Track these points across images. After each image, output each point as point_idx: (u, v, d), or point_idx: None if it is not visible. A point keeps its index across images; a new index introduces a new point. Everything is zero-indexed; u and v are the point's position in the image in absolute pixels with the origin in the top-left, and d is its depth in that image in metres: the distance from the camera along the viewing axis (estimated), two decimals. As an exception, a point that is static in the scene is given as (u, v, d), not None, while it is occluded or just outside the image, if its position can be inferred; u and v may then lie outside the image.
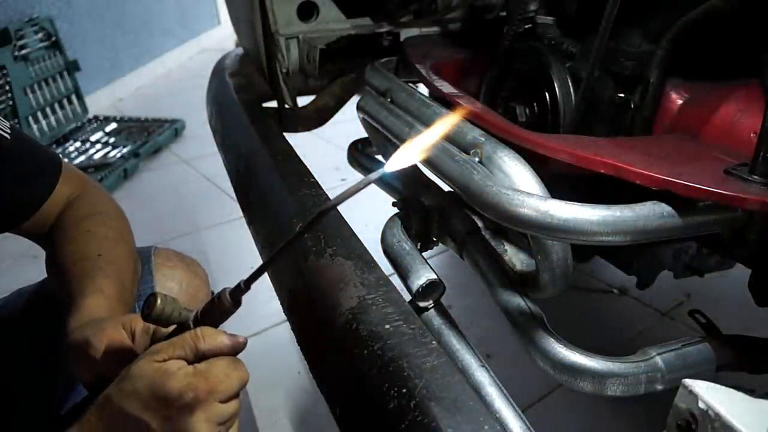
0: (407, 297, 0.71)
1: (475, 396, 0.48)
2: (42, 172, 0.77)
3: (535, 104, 0.84)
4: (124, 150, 2.83)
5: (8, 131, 0.72)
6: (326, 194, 0.85)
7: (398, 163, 0.43)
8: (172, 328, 0.56)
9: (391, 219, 0.88)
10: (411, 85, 0.96)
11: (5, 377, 0.80)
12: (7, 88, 2.78)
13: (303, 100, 1.36)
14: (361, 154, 1.27)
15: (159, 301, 0.52)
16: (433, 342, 0.53)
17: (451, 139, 0.76)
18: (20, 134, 0.76)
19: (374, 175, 0.44)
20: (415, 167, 1.06)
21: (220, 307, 0.52)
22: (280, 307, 0.75)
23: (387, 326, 0.55)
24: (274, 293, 0.78)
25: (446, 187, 0.83)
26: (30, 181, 0.76)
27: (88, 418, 0.53)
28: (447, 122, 0.54)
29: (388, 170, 0.43)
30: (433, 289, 0.74)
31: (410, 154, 0.43)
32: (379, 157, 1.23)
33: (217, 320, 0.53)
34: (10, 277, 1.77)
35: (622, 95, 0.77)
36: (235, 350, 0.53)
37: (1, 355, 0.81)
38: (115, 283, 0.67)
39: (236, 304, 0.51)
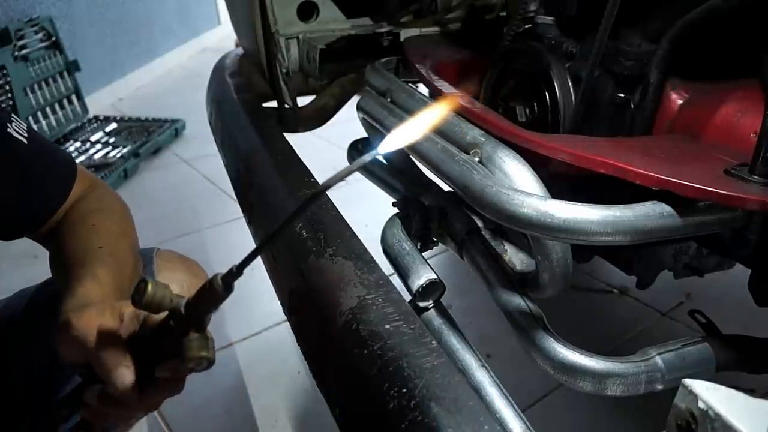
0: (407, 297, 0.71)
1: (475, 396, 0.48)
2: (58, 177, 0.77)
3: (535, 104, 0.84)
4: (124, 150, 2.83)
5: (25, 134, 0.72)
6: (326, 194, 0.85)
7: (390, 146, 0.42)
8: (163, 314, 0.55)
9: (391, 219, 0.88)
10: (411, 85, 0.96)
11: (6, 378, 0.80)
12: (7, 88, 2.78)
13: (303, 100, 1.36)
14: (361, 154, 1.27)
15: (150, 286, 0.52)
16: (433, 342, 0.53)
17: (451, 138, 0.76)
18: (36, 137, 0.76)
19: (367, 157, 0.43)
20: (415, 167, 1.06)
21: (212, 293, 0.51)
22: (280, 307, 0.75)
23: (387, 326, 0.55)
24: (274, 293, 0.78)
25: (446, 187, 0.83)
26: (47, 187, 0.75)
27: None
28: (438, 108, 0.54)
29: (380, 152, 0.43)
30: (433, 289, 0.74)
31: (402, 137, 0.43)
32: (379, 157, 1.23)
33: (209, 307, 0.53)
34: (10, 278, 1.77)
35: (622, 95, 0.77)
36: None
37: (2, 356, 0.81)
38: (113, 273, 0.67)
39: (228, 289, 0.50)
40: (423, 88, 0.98)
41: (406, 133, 0.42)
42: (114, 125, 3.20)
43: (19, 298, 0.87)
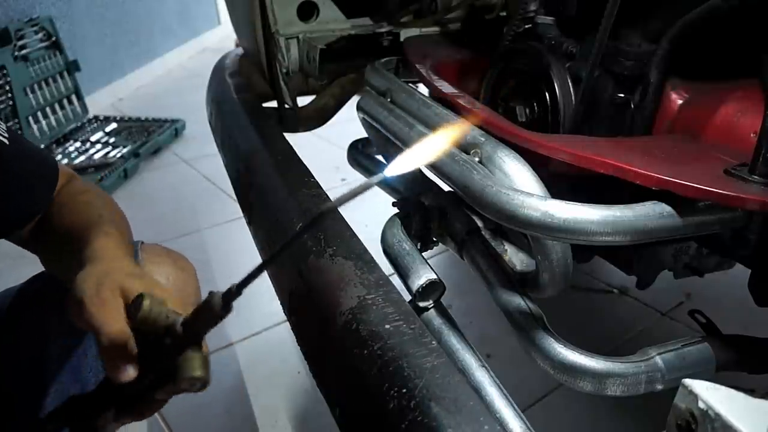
0: (407, 297, 0.71)
1: (475, 396, 0.48)
2: (42, 177, 0.77)
3: (535, 104, 0.84)
4: (124, 150, 2.83)
5: (6, 135, 0.72)
6: (326, 194, 0.85)
7: (404, 166, 0.41)
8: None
9: (391, 219, 0.88)
10: (411, 85, 0.96)
11: None
12: (7, 88, 2.78)
13: (303, 100, 1.36)
14: (361, 154, 1.27)
15: (146, 302, 0.49)
16: (433, 342, 0.53)
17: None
18: (17, 138, 0.75)
19: (376, 178, 0.42)
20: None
21: (210, 312, 0.48)
22: (280, 307, 0.75)
23: (387, 326, 0.55)
24: (274, 293, 0.78)
25: (446, 187, 0.83)
26: (30, 188, 0.75)
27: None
28: (455, 129, 0.53)
29: (392, 174, 0.41)
30: (433, 289, 0.74)
31: (415, 158, 0.42)
32: (379, 157, 1.23)
33: (206, 326, 0.50)
34: (9, 278, 1.76)
35: (622, 95, 0.77)
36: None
37: None
38: (118, 233, 0.67)
39: (227, 309, 0.48)
40: (423, 88, 0.98)
41: (419, 155, 0.42)
42: (114, 125, 3.20)
43: (2, 297, 0.87)
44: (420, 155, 0.42)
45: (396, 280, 0.69)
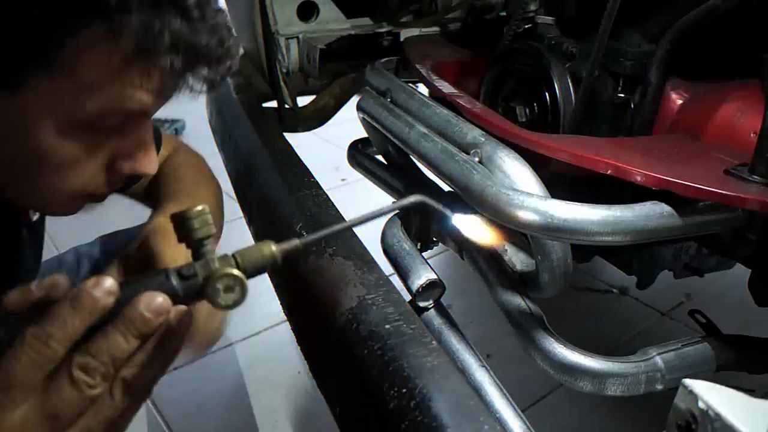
0: (407, 297, 0.71)
1: (475, 396, 0.48)
2: None
3: (535, 104, 0.84)
4: (124, 150, 2.83)
5: None
6: (326, 194, 0.85)
7: None
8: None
9: (391, 219, 0.88)
10: (411, 85, 0.96)
11: None
12: (7, 88, 2.78)
13: (303, 100, 1.36)
14: (361, 154, 1.27)
15: (201, 208, 0.44)
16: (433, 342, 0.53)
17: (451, 139, 0.76)
18: None
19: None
20: (414, 167, 1.06)
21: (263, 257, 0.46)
22: (280, 307, 0.75)
23: (387, 326, 0.55)
24: (274, 293, 0.78)
25: (446, 187, 0.83)
26: None
27: None
28: None
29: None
30: (433, 289, 0.74)
31: None
32: (379, 157, 1.23)
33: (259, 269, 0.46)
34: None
35: (622, 95, 0.77)
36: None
37: None
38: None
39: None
40: (423, 88, 0.98)
41: None
42: (114, 125, 3.20)
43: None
44: None
45: (396, 280, 0.70)
